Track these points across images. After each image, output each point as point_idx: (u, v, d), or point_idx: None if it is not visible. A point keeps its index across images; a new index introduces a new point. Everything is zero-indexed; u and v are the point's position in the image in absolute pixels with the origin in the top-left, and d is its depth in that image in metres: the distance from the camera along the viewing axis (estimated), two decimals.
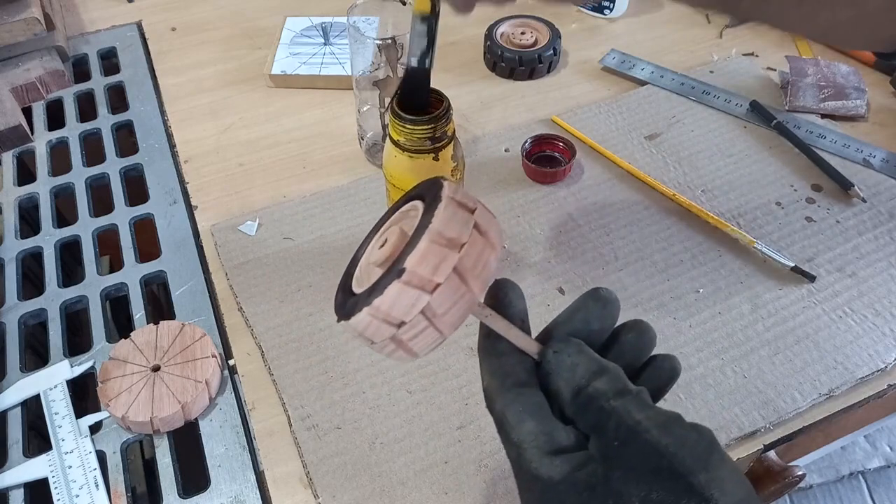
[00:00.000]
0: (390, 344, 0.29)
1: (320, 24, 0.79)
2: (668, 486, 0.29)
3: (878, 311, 0.53)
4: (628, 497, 0.29)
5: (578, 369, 0.32)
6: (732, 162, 0.64)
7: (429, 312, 0.28)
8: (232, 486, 0.46)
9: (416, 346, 0.29)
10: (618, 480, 0.30)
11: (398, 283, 0.28)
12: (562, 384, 0.32)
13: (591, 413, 0.31)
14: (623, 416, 0.31)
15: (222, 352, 0.52)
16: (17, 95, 0.71)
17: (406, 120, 0.46)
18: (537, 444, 0.31)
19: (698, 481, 0.29)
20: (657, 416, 0.31)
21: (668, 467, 0.30)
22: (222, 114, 0.71)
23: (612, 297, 0.34)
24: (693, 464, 0.30)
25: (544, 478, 0.30)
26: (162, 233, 0.61)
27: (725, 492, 0.29)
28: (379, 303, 0.28)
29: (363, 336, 0.30)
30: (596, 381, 0.31)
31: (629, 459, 0.30)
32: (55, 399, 0.50)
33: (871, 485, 1.29)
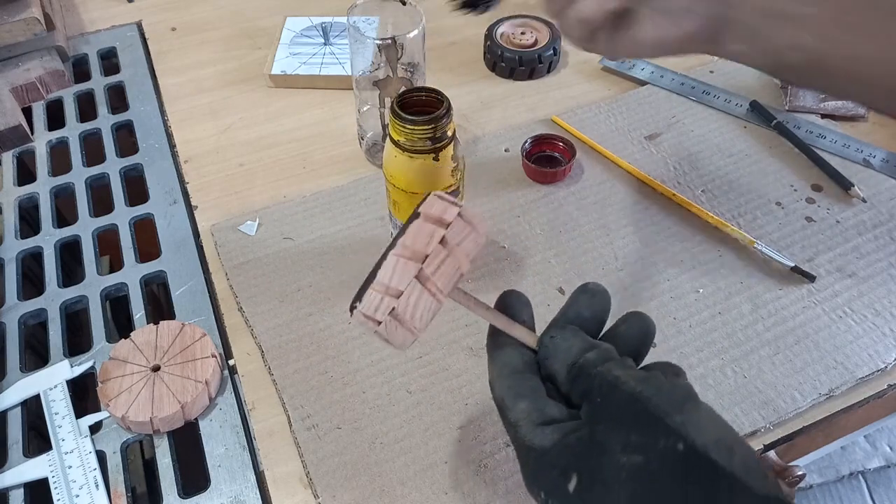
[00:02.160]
0: (392, 322, 0.33)
1: (320, 24, 0.79)
2: (645, 430, 0.31)
3: (878, 311, 0.53)
4: (610, 445, 0.31)
5: (573, 349, 0.34)
6: (732, 162, 0.64)
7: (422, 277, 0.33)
8: (232, 486, 0.46)
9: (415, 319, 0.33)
10: (601, 433, 0.32)
11: (393, 254, 0.33)
12: (557, 365, 0.34)
13: (581, 381, 0.33)
14: (605, 375, 0.33)
15: (222, 352, 0.52)
16: (17, 95, 0.71)
17: (406, 120, 0.46)
18: (530, 419, 0.33)
19: (673, 422, 0.31)
20: (637, 373, 0.33)
21: (644, 411, 0.31)
22: (222, 114, 0.71)
23: (599, 288, 0.37)
24: (668, 407, 0.31)
25: (537, 447, 0.33)
26: (162, 233, 0.61)
27: (702, 430, 0.31)
28: (381, 275, 0.33)
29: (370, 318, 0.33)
30: (587, 354, 0.34)
31: (610, 411, 0.32)
32: (55, 399, 0.50)
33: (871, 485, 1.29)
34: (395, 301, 0.33)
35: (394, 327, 0.34)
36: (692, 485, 0.29)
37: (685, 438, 0.30)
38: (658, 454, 0.30)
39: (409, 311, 0.33)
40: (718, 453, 0.30)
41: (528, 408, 0.34)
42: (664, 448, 0.30)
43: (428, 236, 0.34)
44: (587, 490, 0.31)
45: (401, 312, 0.33)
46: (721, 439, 0.31)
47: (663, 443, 0.30)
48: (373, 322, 0.34)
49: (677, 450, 0.30)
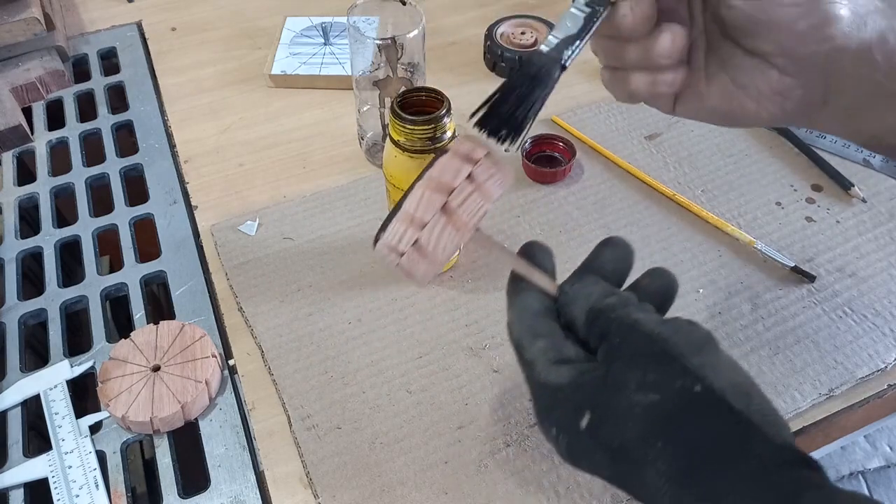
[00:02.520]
0: (414, 254, 0.33)
1: (320, 24, 0.79)
2: (662, 369, 0.30)
3: (878, 311, 0.53)
4: (625, 383, 0.30)
5: (593, 295, 0.34)
6: (732, 162, 0.64)
7: (447, 209, 0.33)
8: (232, 486, 0.46)
9: (438, 251, 0.33)
10: (617, 371, 0.31)
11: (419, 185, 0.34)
12: (577, 309, 0.34)
13: (600, 323, 0.33)
14: (624, 318, 0.32)
15: (222, 352, 0.52)
16: (17, 95, 0.71)
17: (406, 120, 0.46)
18: (546, 358, 0.33)
19: (691, 364, 0.30)
20: (657, 317, 0.33)
21: (662, 352, 0.31)
22: (222, 114, 0.71)
23: (622, 242, 0.36)
24: (687, 348, 0.31)
25: (552, 384, 0.32)
26: (162, 233, 0.61)
27: (719, 374, 0.30)
28: (407, 205, 0.33)
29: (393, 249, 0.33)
30: (607, 299, 0.33)
31: (627, 350, 0.31)
32: (55, 399, 0.50)
33: (871, 485, 1.29)
34: (418, 232, 0.33)
35: (416, 259, 0.34)
36: (706, 427, 0.29)
37: (702, 380, 0.29)
38: (674, 394, 0.29)
39: (433, 243, 0.33)
40: (735, 397, 0.29)
41: (544, 346, 0.33)
42: (680, 388, 0.29)
43: (455, 171, 0.33)
44: (599, 426, 0.31)
45: (424, 243, 0.33)
46: (739, 384, 0.30)
47: (680, 383, 0.30)
48: (395, 254, 0.34)
49: (694, 391, 0.29)
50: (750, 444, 0.28)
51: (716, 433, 0.29)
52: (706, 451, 0.28)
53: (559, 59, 0.33)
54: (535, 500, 0.44)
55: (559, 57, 0.33)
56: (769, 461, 0.28)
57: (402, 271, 0.34)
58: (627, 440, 0.30)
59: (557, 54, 0.33)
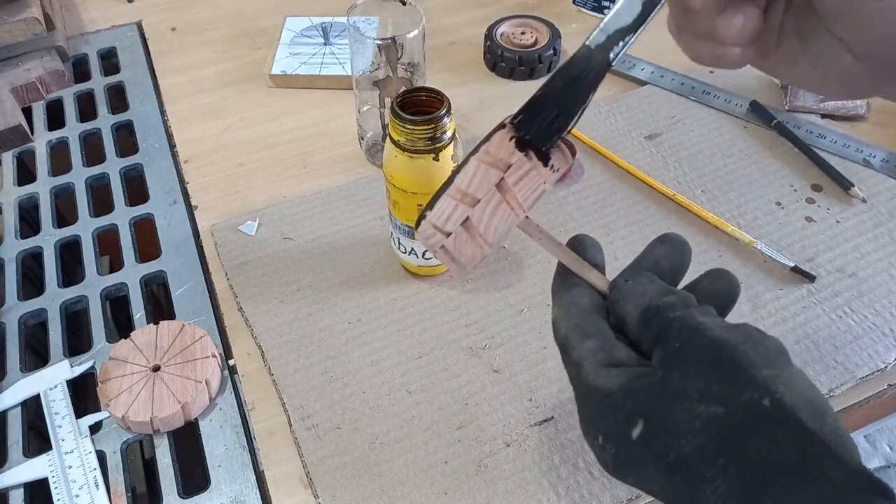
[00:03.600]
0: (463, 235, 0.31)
1: (320, 24, 0.79)
2: (728, 380, 0.28)
3: (878, 311, 0.53)
4: (685, 392, 0.28)
5: (648, 294, 0.32)
6: (732, 162, 0.64)
7: (503, 187, 0.31)
8: (232, 486, 0.46)
9: (489, 232, 0.31)
10: (676, 379, 0.29)
11: (475, 158, 0.31)
12: (630, 308, 0.32)
13: (655, 324, 0.31)
14: (686, 319, 0.30)
15: (222, 352, 0.52)
16: (17, 95, 0.71)
17: (406, 120, 0.46)
18: (596, 359, 0.31)
19: (761, 375, 0.28)
20: (723, 321, 0.30)
21: (730, 359, 0.28)
22: (222, 114, 0.71)
23: (680, 239, 0.34)
24: (757, 358, 0.28)
25: (602, 388, 0.30)
26: (162, 233, 0.61)
27: (792, 388, 0.27)
28: (459, 180, 0.31)
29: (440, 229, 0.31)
30: (665, 297, 0.31)
31: (689, 356, 0.29)
32: (55, 399, 0.50)
33: None
34: (469, 210, 0.30)
35: (463, 240, 0.31)
36: (775, 445, 0.26)
37: (773, 394, 0.27)
38: (740, 407, 0.27)
39: (484, 223, 0.31)
40: (809, 415, 0.27)
41: (594, 347, 0.31)
42: (748, 401, 0.27)
43: (482, 179, 0.31)
44: (653, 437, 0.28)
45: (475, 223, 0.30)
46: (812, 400, 0.28)
47: (748, 395, 0.27)
48: (441, 234, 0.31)
49: (763, 405, 0.27)
50: (822, 466, 0.26)
51: (785, 452, 0.26)
52: (774, 471, 0.26)
53: (607, 60, 0.29)
54: (535, 500, 0.44)
55: (607, 58, 0.29)
56: (842, 486, 0.25)
57: (444, 256, 0.32)
58: (685, 454, 0.28)
59: (606, 53, 0.29)
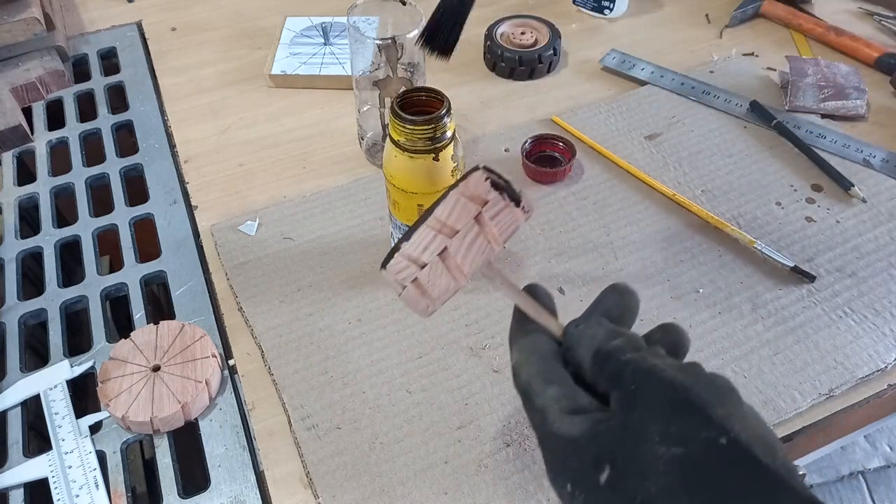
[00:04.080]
0: (415, 290, 0.33)
1: (320, 24, 0.79)
2: (686, 420, 0.29)
3: (878, 311, 0.53)
4: (648, 435, 0.29)
5: (598, 337, 0.33)
6: (732, 162, 0.64)
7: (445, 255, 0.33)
8: (232, 486, 0.46)
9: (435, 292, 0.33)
10: (637, 422, 0.30)
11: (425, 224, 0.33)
12: (583, 351, 0.33)
13: (609, 366, 0.32)
14: (639, 362, 0.31)
15: (222, 352, 0.52)
16: (17, 95, 0.71)
17: (406, 120, 0.46)
18: (559, 406, 0.32)
19: (716, 415, 0.29)
20: (673, 362, 0.32)
21: (685, 400, 0.29)
22: (222, 114, 0.71)
23: (628, 289, 0.36)
24: (710, 398, 0.30)
25: (566, 435, 0.31)
26: (162, 233, 0.61)
27: (745, 426, 0.29)
28: (407, 247, 0.33)
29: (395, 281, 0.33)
30: (614, 340, 0.33)
31: (646, 399, 0.30)
32: (55, 399, 0.50)
33: (871, 485, 1.29)
34: (448, 240, 0.33)
35: (438, 272, 0.33)
36: (736, 480, 0.28)
37: (729, 432, 0.28)
38: (700, 446, 0.28)
39: (462, 253, 0.33)
40: (762, 451, 0.28)
41: (557, 394, 0.32)
42: (706, 440, 0.28)
43: (461, 211, 0.33)
44: (620, 481, 0.29)
45: (452, 253, 0.33)
46: (763, 437, 0.29)
47: (705, 435, 0.29)
48: (415, 266, 0.33)
49: (720, 443, 0.28)
50: (777, 497, 0.27)
51: (744, 487, 0.28)
52: None
53: None
54: (534, 500, 0.44)
55: None
56: None
57: (413, 292, 0.34)
58: (651, 495, 0.28)
59: None
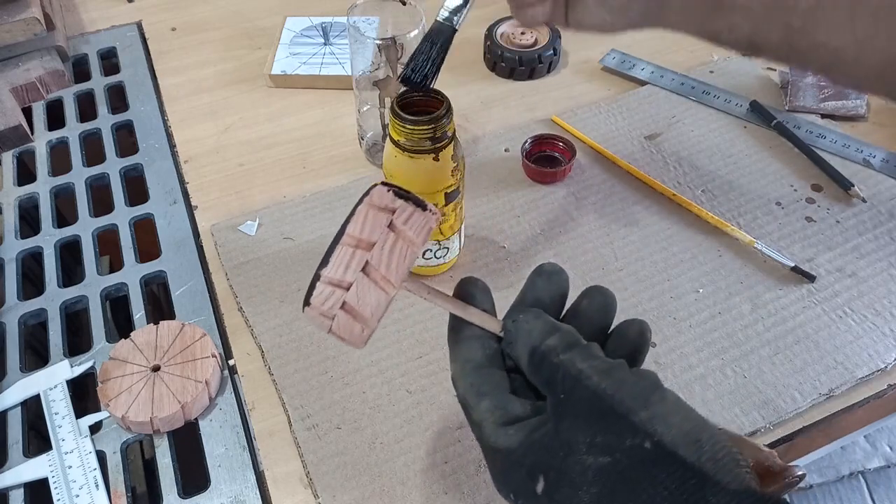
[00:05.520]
0: (345, 316, 0.32)
1: (320, 24, 0.79)
2: (611, 428, 0.30)
3: (878, 311, 0.53)
4: (576, 445, 0.30)
5: (534, 332, 0.33)
6: (732, 162, 0.64)
7: (368, 268, 0.33)
8: (232, 486, 0.46)
9: (367, 310, 0.32)
10: (566, 431, 0.31)
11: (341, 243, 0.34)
12: (520, 349, 0.33)
13: (543, 370, 0.32)
14: (568, 367, 0.31)
15: (222, 352, 0.52)
16: (17, 95, 0.71)
17: (406, 120, 0.46)
18: (493, 419, 0.32)
19: (639, 419, 0.30)
20: (600, 364, 0.32)
21: (609, 409, 0.30)
22: (222, 114, 0.71)
23: (555, 268, 0.36)
24: (633, 403, 0.30)
25: (503, 448, 0.32)
26: (162, 233, 0.61)
27: (669, 425, 0.30)
28: (327, 270, 0.33)
29: (324, 314, 0.33)
30: (548, 339, 0.33)
31: (574, 408, 0.31)
32: (55, 399, 0.50)
33: (871, 485, 1.29)
34: (367, 254, 0.33)
35: (366, 287, 0.33)
36: (661, 485, 0.29)
37: (652, 436, 0.29)
38: (625, 454, 0.29)
39: (385, 262, 0.33)
40: (686, 449, 0.29)
41: (490, 406, 0.33)
42: (630, 447, 0.29)
43: (373, 223, 0.34)
44: (554, 491, 0.30)
45: (375, 264, 0.33)
46: (689, 433, 0.30)
47: (629, 442, 0.29)
48: (341, 290, 0.33)
49: (644, 448, 0.29)
50: (704, 495, 0.28)
51: (669, 489, 0.28)
52: None
53: (452, 26, 0.43)
54: None
55: (452, 24, 0.43)
56: None
57: (345, 318, 0.33)
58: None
59: (450, 23, 0.43)
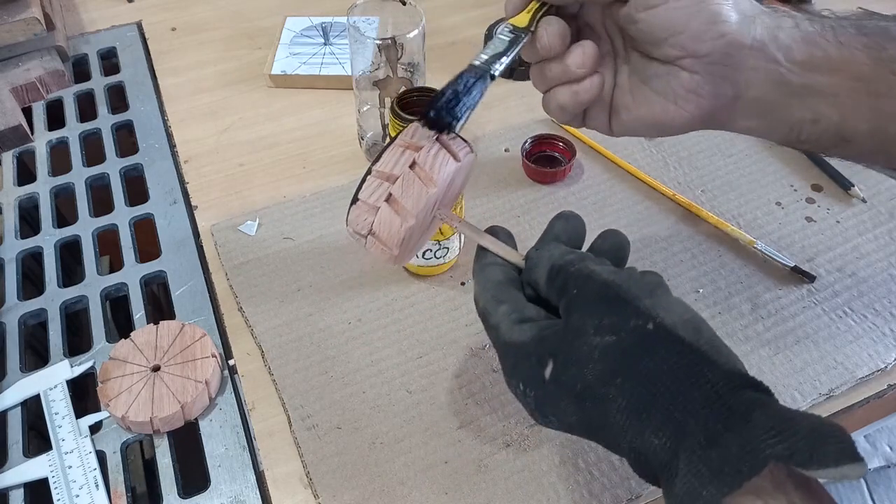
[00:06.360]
0: (388, 209, 0.36)
1: (320, 24, 0.79)
2: (617, 312, 0.33)
3: (878, 311, 0.53)
4: (584, 329, 0.33)
5: (554, 256, 0.36)
6: (732, 162, 0.64)
7: (417, 165, 0.36)
8: (232, 486, 0.46)
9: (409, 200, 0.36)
10: (575, 319, 0.33)
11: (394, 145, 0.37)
12: (541, 270, 0.36)
13: (560, 279, 0.35)
14: (581, 269, 0.35)
15: (222, 352, 0.52)
16: (17, 95, 0.71)
17: (406, 120, 0.46)
18: (510, 320, 0.35)
19: (644, 305, 0.33)
20: (611, 268, 0.35)
21: (616, 296, 0.33)
22: (222, 114, 0.71)
23: (573, 214, 0.39)
24: (639, 292, 0.33)
25: (516, 341, 0.34)
26: (162, 233, 0.61)
27: (671, 312, 0.33)
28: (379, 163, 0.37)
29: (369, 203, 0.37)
30: (567, 256, 0.36)
31: (584, 298, 0.34)
32: (55, 399, 0.50)
33: (871, 485, 1.29)
34: (391, 186, 0.36)
35: (388, 214, 0.36)
36: (660, 360, 0.31)
37: (654, 318, 0.32)
38: (629, 333, 0.32)
39: (403, 194, 0.36)
40: (686, 331, 0.32)
41: (507, 309, 0.35)
42: (634, 327, 0.32)
43: (421, 132, 0.37)
44: (562, 373, 0.32)
45: (395, 195, 0.36)
46: (689, 320, 0.33)
47: (633, 323, 0.32)
48: (371, 210, 0.37)
49: (647, 329, 0.32)
50: (702, 371, 0.31)
51: (669, 365, 0.31)
52: (662, 381, 0.31)
53: (489, 69, 0.38)
54: (534, 500, 0.44)
55: (489, 68, 0.38)
56: (720, 386, 0.30)
57: (388, 210, 0.36)
58: (589, 382, 0.32)
59: (487, 67, 0.38)
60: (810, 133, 0.38)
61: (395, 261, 0.38)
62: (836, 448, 0.27)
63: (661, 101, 0.38)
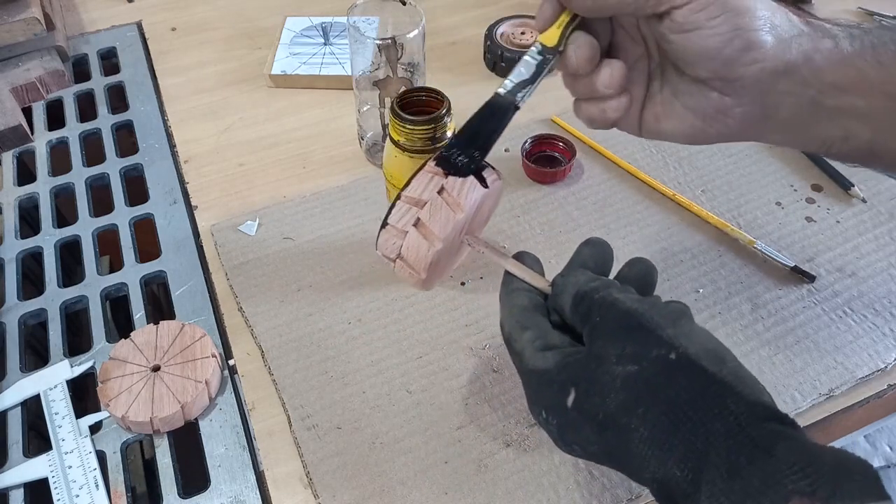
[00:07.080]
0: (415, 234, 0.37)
1: (320, 24, 0.79)
2: (639, 341, 0.32)
3: (878, 311, 0.53)
4: (607, 357, 0.33)
5: (579, 282, 0.36)
6: (732, 162, 0.64)
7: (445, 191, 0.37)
8: (232, 486, 0.46)
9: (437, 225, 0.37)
10: (598, 347, 0.33)
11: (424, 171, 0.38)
12: (566, 297, 0.36)
13: (584, 305, 0.35)
14: (605, 297, 0.35)
15: (222, 352, 0.52)
16: (17, 95, 0.71)
17: (406, 120, 0.46)
18: (533, 346, 0.35)
19: (666, 334, 0.32)
20: (635, 296, 0.35)
21: (639, 325, 0.33)
22: (222, 114, 0.71)
23: (601, 241, 0.40)
24: (662, 321, 0.33)
25: (539, 368, 0.34)
26: (162, 233, 0.61)
27: (694, 342, 0.32)
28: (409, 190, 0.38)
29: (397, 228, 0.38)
30: (591, 283, 0.36)
31: (607, 327, 0.34)
32: (55, 399, 0.50)
33: None
34: (419, 211, 0.37)
35: (415, 238, 0.37)
36: (683, 390, 0.31)
37: (677, 348, 0.32)
38: (651, 362, 0.32)
39: (431, 219, 0.37)
40: (710, 361, 0.31)
41: (532, 336, 0.35)
42: (657, 357, 0.32)
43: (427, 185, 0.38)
44: (584, 401, 0.32)
45: (424, 220, 0.37)
46: (712, 350, 0.32)
47: (656, 352, 0.32)
48: (399, 235, 0.37)
49: (669, 359, 0.31)
50: (725, 402, 0.30)
51: (692, 395, 0.30)
52: (684, 412, 0.30)
53: (514, 101, 0.38)
54: (534, 500, 0.44)
55: (514, 99, 0.38)
56: (743, 417, 0.30)
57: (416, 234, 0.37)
58: (611, 411, 0.32)
59: (512, 97, 0.38)
60: (840, 148, 0.38)
61: (423, 284, 0.39)
62: (860, 484, 0.27)
63: (691, 118, 0.38)
